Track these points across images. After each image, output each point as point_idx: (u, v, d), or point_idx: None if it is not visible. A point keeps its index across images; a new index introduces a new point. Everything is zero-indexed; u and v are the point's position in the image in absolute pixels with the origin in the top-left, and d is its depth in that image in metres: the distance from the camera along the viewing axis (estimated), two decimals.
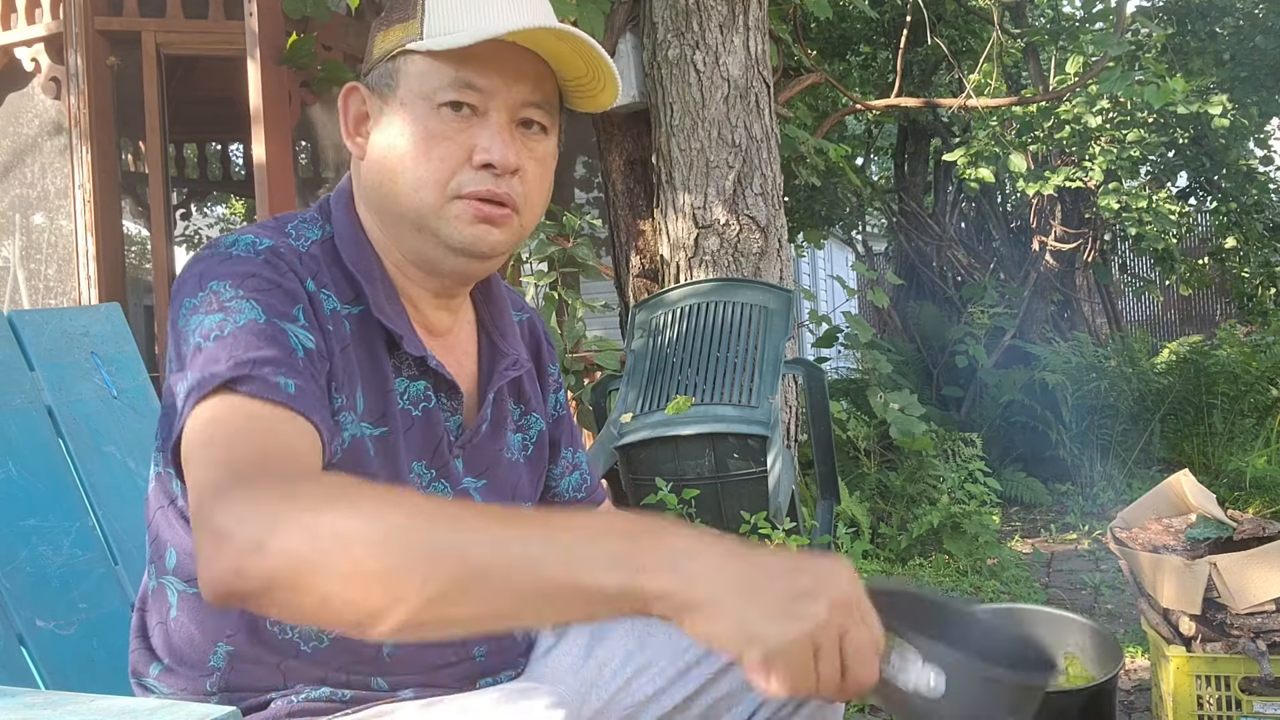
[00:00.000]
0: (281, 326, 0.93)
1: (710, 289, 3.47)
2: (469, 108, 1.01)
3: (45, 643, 1.27)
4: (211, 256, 0.98)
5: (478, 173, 1.01)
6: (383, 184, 1.03)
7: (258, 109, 3.32)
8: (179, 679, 1.05)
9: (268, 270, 0.96)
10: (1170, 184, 8.38)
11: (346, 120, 1.07)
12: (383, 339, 1.03)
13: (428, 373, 1.07)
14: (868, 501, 4.20)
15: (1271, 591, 2.07)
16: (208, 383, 0.87)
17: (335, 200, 1.09)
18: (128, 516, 1.42)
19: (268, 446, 0.84)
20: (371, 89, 1.05)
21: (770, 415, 3.09)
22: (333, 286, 1.02)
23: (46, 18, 3.70)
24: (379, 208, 1.05)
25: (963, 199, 8.30)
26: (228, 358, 0.88)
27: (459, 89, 1.00)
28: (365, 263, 1.05)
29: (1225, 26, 6.92)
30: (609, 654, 1.23)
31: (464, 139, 1.01)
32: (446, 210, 1.01)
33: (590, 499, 1.31)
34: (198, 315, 0.92)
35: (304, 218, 1.08)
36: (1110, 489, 5.66)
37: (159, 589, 1.07)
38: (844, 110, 6.40)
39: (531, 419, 1.21)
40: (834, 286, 10.22)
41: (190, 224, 10.32)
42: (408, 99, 1.01)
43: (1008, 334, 7.02)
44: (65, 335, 1.46)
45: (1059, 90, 6.09)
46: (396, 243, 1.06)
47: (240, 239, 0.99)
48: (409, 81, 1.01)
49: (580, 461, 1.31)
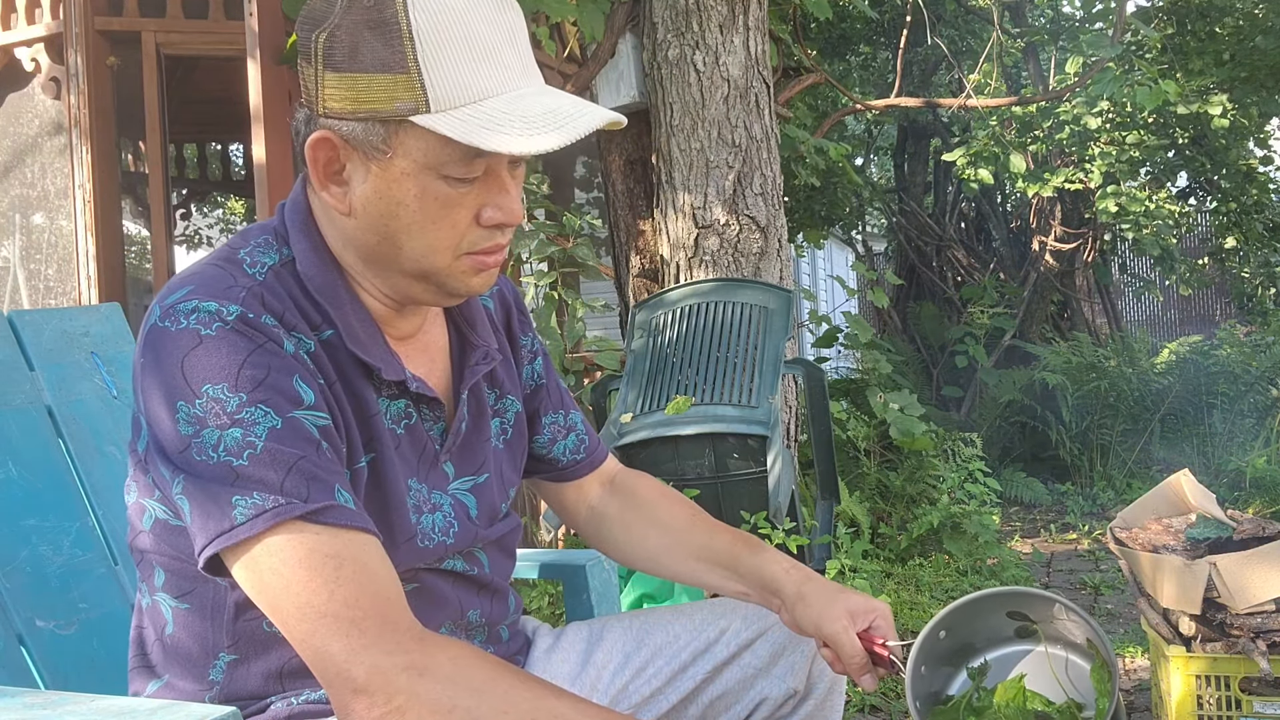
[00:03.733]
0: (296, 419, 0.92)
1: (710, 289, 3.47)
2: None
3: (45, 643, 1.27)
4: (182, 339, 0.91)
5: (486, 230, 0.98)
6: (379, 245, 0.98)
7: (258, 109, 3.31)
8: (177, 694, 1.05)
9: (251, 352, 0.92)
10: (1170, 184, 8.38)
11: (316, 170, 0.97)
12: (358, 365, 1.01)
13: (407, 391, 1.05)
14: (868, 501, 4.20)
15: (1271, 591, 2.07)
16: (278, 513, 0.88)
17: (290, 220, 1.03)
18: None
19: (366, 589, 0.88)
20: (351, 145, 0.94)
21: (770, 415, 3.09)
22: (300, 321, 0.98)
23: (46, 18, 3.70)
24: (368, 258, 1.00)
25: (963, 199, 8.30)
26: (278, 477, 0.89)
27: (469, 162, 0.94)
28: (332, 289, 1.00)
29: (1225, 26, 6.92)
30: (607, 656, 1.23)
31: (472, 201, 0.96)
32: (454, 267, 0.99)
33: (590, 459, 1.29)
34: (209, 430, 0.89)
35: (256, 242, 1.01)
36: (1110, 489, 5.67)
37: (153, 606, 1.06)
38: (844, 110, 6.40)
39: (507, 401, 1.19)
40: (834, 286, 10.22)
41: (190, 224, 10.33)
42: (410, 169, 0.94)
43: (1008, 334, 7.02)
44: (65, 335, 1.46)
45: (1059, 90, 6.09)
46: (380, 280, 1.02)
47: (202, 308, 0.92)
48: (411, 153, 0.93)
49: (575, 423, 1.28)
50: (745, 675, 1.22)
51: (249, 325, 0.93)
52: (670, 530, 1.26)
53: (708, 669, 1.22)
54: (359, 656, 0.86)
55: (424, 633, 0.90)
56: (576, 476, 1.29)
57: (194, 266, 1.00)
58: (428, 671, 0.86)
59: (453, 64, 0.91)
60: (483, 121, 0.90)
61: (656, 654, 1.22)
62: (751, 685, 1.22)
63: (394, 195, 0.95)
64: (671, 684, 1.22)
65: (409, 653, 0.87)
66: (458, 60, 0.91)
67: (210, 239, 12.56)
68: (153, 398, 0.92)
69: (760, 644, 1.22)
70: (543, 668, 1.21)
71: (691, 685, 1.22)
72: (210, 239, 12.56)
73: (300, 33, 0.95)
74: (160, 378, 0.92)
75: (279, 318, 0.96)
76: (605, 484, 1.32)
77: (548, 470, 1.28)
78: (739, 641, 1.23)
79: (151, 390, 0.92)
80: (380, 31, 0.90)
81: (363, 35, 0.91)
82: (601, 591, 1.51)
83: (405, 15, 0.90)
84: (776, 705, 1.22)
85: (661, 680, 1.22)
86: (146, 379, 0.93)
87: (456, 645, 0.90)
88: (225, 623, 1.02)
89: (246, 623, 1.01)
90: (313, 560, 0.88)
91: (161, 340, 0.92)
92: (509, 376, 1.19)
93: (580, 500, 1.31)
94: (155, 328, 0.93)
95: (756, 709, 1.23)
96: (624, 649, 1.23)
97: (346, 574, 0.88)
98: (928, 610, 3.18)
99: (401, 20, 0.90)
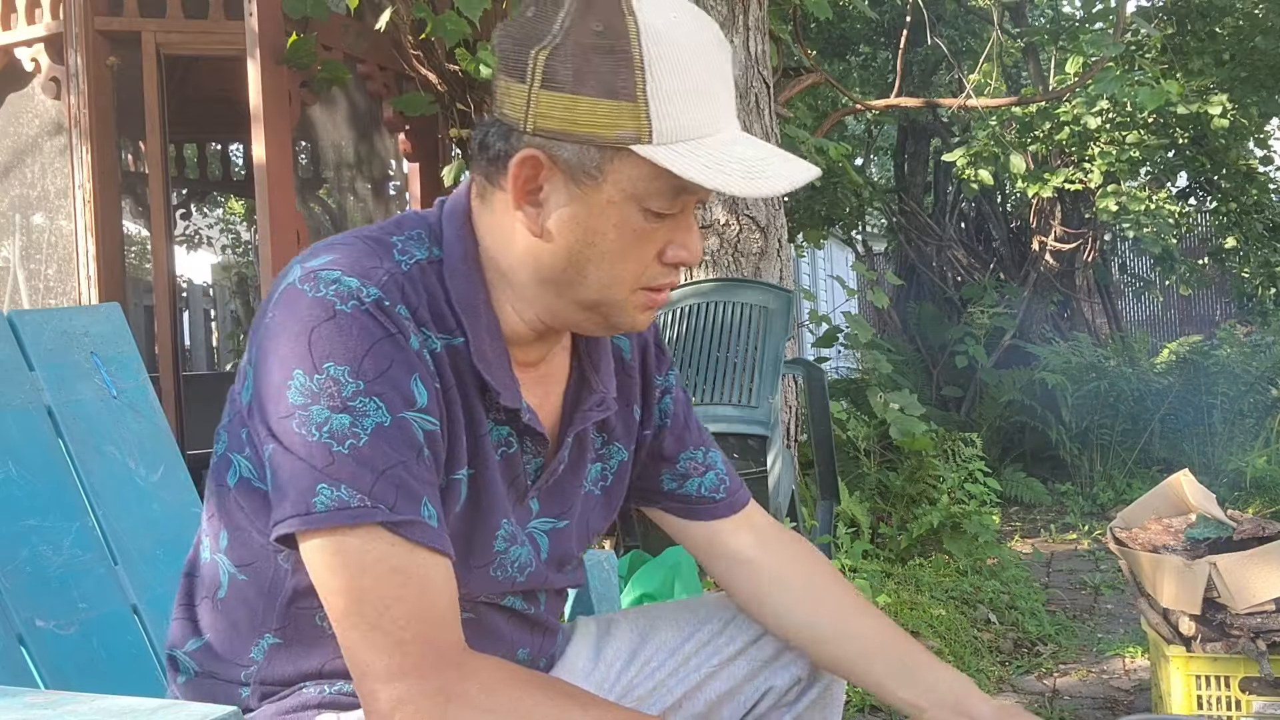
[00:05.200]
0: (406, 420, 0.91)
1: (710, 289, 3.47)
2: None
3: (45, 643, 1.27)
4: (316, 309, 0.91)
5: (665, 268, 0.98)
6: (564, 270, 0.96)
7: (258, 109, 3.32)
8: (214, 660, 1.05)
9: (379, 340, 0.91)
10: (1170, 184, 8.39)
11: (516, 187, 0.95)
12: (478, 381, 0.99)
13: (516, 420, 1.02)
14: (868, 501, 4.20)
15: (1271, 591, 2.07)
16: (360, 515, 0.88)
17: (448, 221, 1.01)
18: (128, 516, 1.42)
19: (421, 610, 0.89)
20: (558, 166, 0.93)
21: (770, 415, 3.09)
22: (432, 322, 0.97)
23: (46, 18, 3.70)
24: (544, 280, 0.98)
25: (963, 199, 8.30)
26: (370, 478, 0.88)
27: (675, 198, 0.94)
28: (472, 300, 0.99)
29: (1225, 26, 6.92)
30: (615, 652, 1.24)
31: (661, 237, 0.96)
32: (629, 300, 0.98)
33: (729, 501, 1.23)
34: (318, 407, 0.89)
35: (411, 234, 1.00)
36: (1110, 489, 5.67)
37: (211, 564, 1.05)
38: (844, 110, 6.40)
39: (613, 448, 1.15)
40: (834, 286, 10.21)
41: (190, 224, 10.32)
42: (616, 198, 0.93)
43: (1008, 334, 7.02)
44: (65, 335, 1.46)
45: (1059, 90, 6.09)
46: (537, 303, 1.00)
47: (344, 281, 0.92)
48: (621, 182, 0.92)
49: (715, 462, 1.24)
50: (753, 668, 1.23)
51: (383, 312, 0.92)
52: (857, 637, 1.18)
53: (713, 665, 1.22)
54: (395, 679, 0.87)
55: (462, 656, 0.90)
56: (713, 516, 1.22)
57: (343, 236, 0.99)
58: (456, 698, 0.88)
59: (678, 98, 0.91)
60: (704, 160, 0.90)
61: (659, 648, 1.23)
62: (757, 675, 1.23)
63: (593, 223, 0.94)
64: (674, 677, 1.22)
65: (443, 675, 0.88)
66: (682, 95, 0.91)
67: (210, 239, 12.55)
68: (271, 356, 0.92)
69: (767, 637, 1.23)
70: (561, 668, 1.21)
71: (695, 680, 1.22)
72: (210, 239, 12.55)
73: (508, 47, 0.94)
74: (285, 339, 0.91)
75: (413, 312, 0.95)
76: (751, 534, 1.23)
77: (675, 505, 1.23)
78: (745, 637, 1.23)
79: (272, 349, 0.92)
80: (610, 57, 0.90)
81: (590, 59, 0.90)
82: (602, 591, 1.51)
83: (638, 44, 0.89)
84: (781, 694, 1.23)
85: (665, 673, 1.22)
86: (271, 336, 0.92)
87: (490, 669, 0.91)
88: (279, 605, 1.01)
89: (299, 611, 1.01)
90: (379, 570, 0.88)
91: (296, 302, 0.92)
92: (623, 423, 1.16)
93: (717, 544, 1.23)
94: (293, 288, 0.93)
95: (762, 698, 1.23)
96: (630, 644, 1.24)
97: (409, 592, 0.88)
98: (928, 610, 3.18)
99: (634, 49, 0.89)
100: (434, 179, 4.05)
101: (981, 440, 4.56)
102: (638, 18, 0.90)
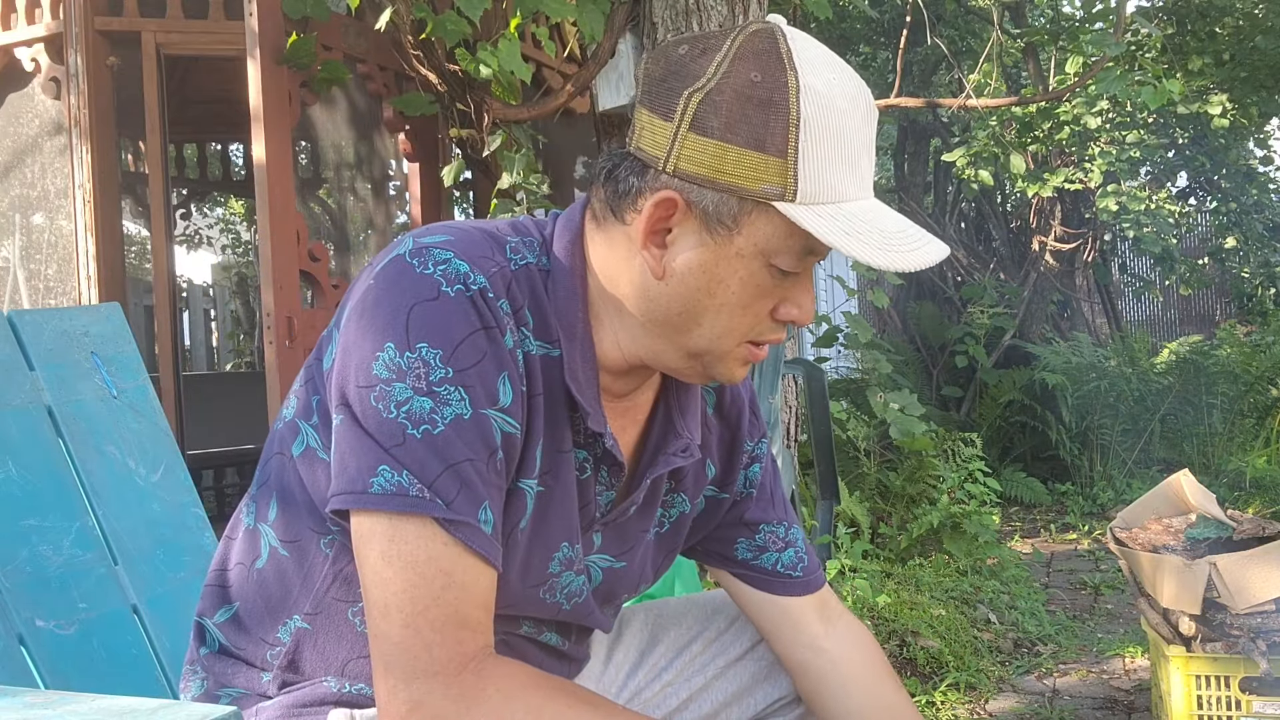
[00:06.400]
0: (487, 417, 0.89)
1: None
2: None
3: (45, 643, 1.27)
4: (423, 285, 0.90)
5: (774, 324, 0.97)
6: (679, 316, 0.95)
7: (258, 109, 3.31)
8: (241, 635, 1.03)
9: (476, 330, 0.90)
10: (1170, 184, 8.39)
11: (648, 226, 0.93)
12: (566, 398, 0.97)
13: (596, 447, 1.00)
14: (868, 501, 4.20)
15: (1271, 591, 2.07)
16: (416, 505, 0.86)
17: (560, 234, 0.99)
18: (128, 516, 1.42)
19: (457, 615, 0.88)
20: (694, 213, 0.91)
21: (770, 415, 3.09)
22: (533, 326, 0.95)
23: (46, 18, 3.70)
24: (654, 320, 0.96)
25: (963, 199, 8.30)
26: (437, 469, 0.86)
27: (802, 258, 0.93)
28: (572, 319, 0.97)
29: (1225, 26, 6.92)
30: (624, 655, 1.24)
31: (779, 294, 0.95)
32: (733, 353, 0.97)
33: (806, 581, 1.19)
34: (402, 385, 0.87)
35: (525, 239, 0.99)
36: (1110, 489, 5.67)
37: (253, 531, 1.03)
38: None
39: (678, 498, 1.13)
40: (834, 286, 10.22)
41: (190, 224, 10.33)
42: (747, 251, 0.91)
43: (1008, 334, 7.02)
44: (65, 335, 1.46)
45: (1059, 90, 6.09)
46: (639, 339, 0.98)
47: (454, 264, 0.90)
48: (755, 236, 0.91)
49: (796, 539, 1.20)
50: (760, 669, 1.23)
51: (486, 303, 0.90)
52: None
53: (719, 667, 1.23)
54: (417, 679, 0.86)
55: (485, 661, 0.89)
56: (786, 593, 1.19)
57: (460, 222, 0.98)
58: (475, 703, 0.87)
59: (826, 160, 0.89)
60: (845, 226, 0.89)
61: (666, 650, 1.24)
62: (765, 678, 1.23)
63: (719, 273, 0.92)
64: (679, 677, 1.23)
65: (464, 680, 0.87)
66: (831, 158, 0.90)
67: (210, 239, 12.55)
68: (365, 325, 0.90)
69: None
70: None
71: (700, 682, 1.23)
72: (210, 239, 12.55)
73: (658, 84, 0.92)
74: (384, 310, 0.89)
75: (515, 311, 0.93)
76: (822, 620, 1.20)
77: (748, 574, 1.20)
78: (752, 635, 1.23)
79: (369, 318, 0.90)
80: (765, 110, 0.88)
81: (746, 108, 0.88)
82: None
83: (796, 101, 0.88)
84: (781, 697, 1.23)
85: (672, 674, 1.23)
86: (368, 305, 0.90)
87: (511, 674, 0.90)
88: (315, 588, 1.00)
89: (334, 601, 0.99)
90: (428, 570, 0.86)
91: (403, 275, 0.90)
92: (694, 475, 1.14)
93: (786, 623, 1.20)
94: (401, 260, 0.91)
95: (767, 706, 1.23)
96: (639, 647, 1.24)
97: (450, 596, 0.87)
98: (927, 610, 3.18)
99: (791, 105, 0.88)
100: (434, 179, 4.05)
101: (981, 440, 4.56)
102: (799, 75, 0.88)
